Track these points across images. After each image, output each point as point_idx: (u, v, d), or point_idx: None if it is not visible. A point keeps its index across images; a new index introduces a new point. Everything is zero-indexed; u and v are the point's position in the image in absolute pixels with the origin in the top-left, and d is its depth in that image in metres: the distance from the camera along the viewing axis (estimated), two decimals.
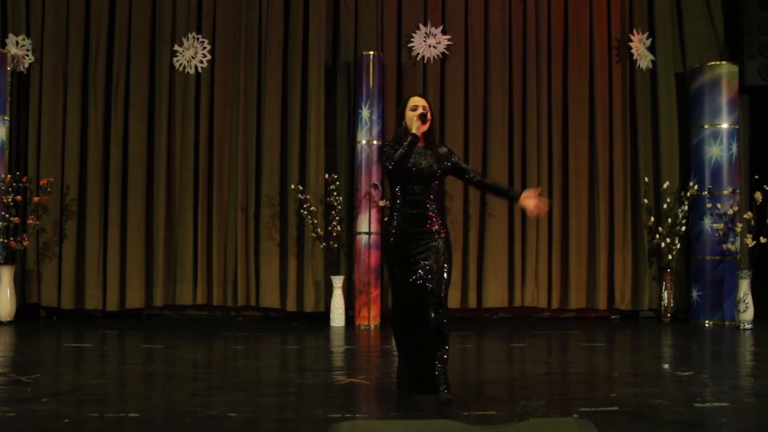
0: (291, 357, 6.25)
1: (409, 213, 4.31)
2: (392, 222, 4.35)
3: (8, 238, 8.03)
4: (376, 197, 8.17)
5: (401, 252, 4.27)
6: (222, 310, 8.69)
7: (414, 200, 4.32)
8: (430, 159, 4.33)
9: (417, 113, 4.32)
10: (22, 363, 5.73)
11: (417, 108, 4.34)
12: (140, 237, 8.49)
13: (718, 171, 8.53)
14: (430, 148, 4.39)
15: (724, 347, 6.90)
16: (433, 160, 4.34)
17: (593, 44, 8.99)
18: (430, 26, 8.74)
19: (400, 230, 4.29)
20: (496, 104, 8.79)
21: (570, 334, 7.62)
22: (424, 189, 4.32)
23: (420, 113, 4.30)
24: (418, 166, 4.29)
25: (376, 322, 8.06)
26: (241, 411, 4.01)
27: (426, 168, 4.30)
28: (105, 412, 3.98)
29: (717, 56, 9.06)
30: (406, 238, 4.27)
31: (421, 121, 4.29)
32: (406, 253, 4.25)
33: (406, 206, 4.32)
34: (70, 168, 8.47)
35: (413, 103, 4.38)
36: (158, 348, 6.56)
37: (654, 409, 4.09)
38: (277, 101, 8.62)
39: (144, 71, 8.59)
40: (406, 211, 4.32)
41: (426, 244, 4.25)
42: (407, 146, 4.23)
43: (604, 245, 8.81)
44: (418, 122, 4.30)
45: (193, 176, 8.55)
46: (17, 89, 8.54)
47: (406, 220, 4.30)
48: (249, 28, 8.66)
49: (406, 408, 4.12)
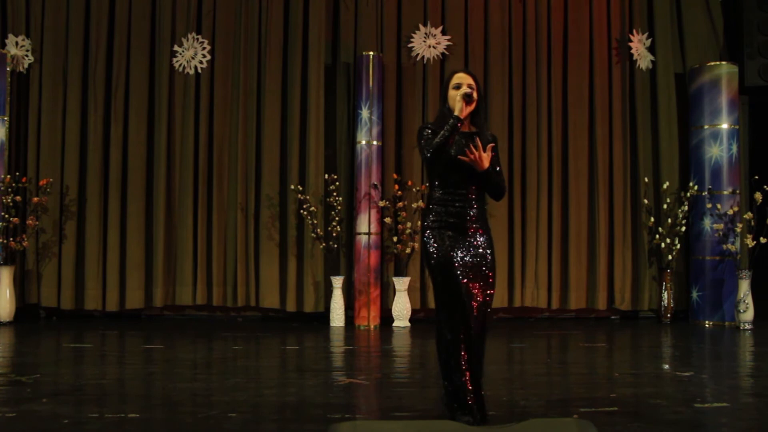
0: (291, 357, 6.25)
1: (450, 208, 3.79)
2: (429, 216, 3.83)
3: (8, 238, 8.03)
4: (376, 197, 8.17)
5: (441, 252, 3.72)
6: (222, 311, 8.69)
7: (457, 193, 3.79)
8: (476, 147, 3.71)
9: (460, 92, 3.72)
10: (22, 363, 5.72)
11: (461, 86, 3.77)
12: (140, 237, 8.49)
13: (718, 171, 8.53)
14: (478, 134, 3.81)
15: (724, 347, 6.90)
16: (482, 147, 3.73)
17: (593, 44, 8.99)
18: (429, 26, 8.74)
19: (440, 226, 3.77)
20: (496, 104, 8.79)
21: (570, 334, 7.62)
22: (469, 181, 3.79)
23: (464, 93, 3.71)
24: (462, 155, 3.72)
25: (376, 322, 8.06)
26: (241, 411, 4.00)
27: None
28: (105, 412, 3.98)
29: (717, 56, 9.06)
30: (446, 236, 3.75)
31: (465, 101, 3.70)
32: (447, 253, 3.72)
33: (447, 200, 3.79)
34: (69, 168, 8.47)
35: (456, 81, 3.81)
36: (158, 348, 6.56)
37: (654, 409, 4.09)
38: (276, 101, 8.62)
39: (144, 71, 8.59)
40: (447, 205, 3.79)
41: (468, 242, 3.76)
42: (448, 130, 3.65)
43: (604, 245, 8.81)
44: (461, 103, 3.69)
45: (193, 176, 8.55)
46: (17, 89, 8.54)
47: (448, 215, 3.78)
48: (249, 29, 8.66)
49: (406, 408, 4.12)
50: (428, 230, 3.80)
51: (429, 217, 3.83)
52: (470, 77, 3.83)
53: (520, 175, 8.80)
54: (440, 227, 3.77)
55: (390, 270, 8.44)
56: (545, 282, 8.76)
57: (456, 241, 3.75)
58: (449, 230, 3.77)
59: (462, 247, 3.75)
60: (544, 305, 8.78)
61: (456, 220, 3.78)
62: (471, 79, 3.82)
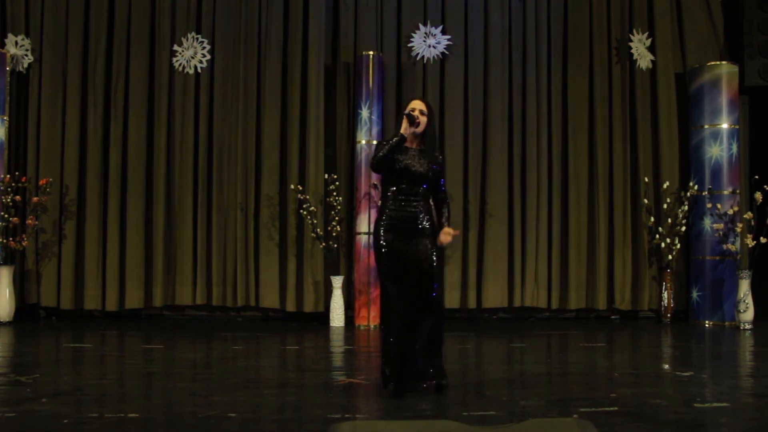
0: (291, 357, 6.25)
1: (399, 212, 4.45)
2: (381, 220, 4.48)
3: (7, 238, 8.02)
4: (376, 197, 8.17)
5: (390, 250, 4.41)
6: (221, 311, 8.68)
7: (404, 199, 4.45)
8: (422, 161, 4.46)
9: (406, 112, 4.48)
10: (22, 363, 5.72)
11: (414, 110, 4.49)
12: (140, 237, 8.48)
13: (718, 171, 8.52)
14: (423, 152, 4.50)
15: (724, 347, 6.90)
16: (426, 162, 4.47)
17: (593, 44, 8.99)
18: (429, 26, 8.73)
19: (390, 228, 4.43)
20: (496, 104, 8.78)
21: (570, 334, 7.62)
22: (413, 189, 4.46)
23: (406, 113, 4.45)
24: (409, 167, 4.43)
25: (375, 322, 8.05)
26: (241, 411, 4.00)
27: (416, 169, 4.43)
28: (105, 412, 3.98)
29: (717, 56, 9.06)
30: (395, 236, 4.42)
31: (408, 121, 4.43)
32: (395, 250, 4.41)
33: (396, 205, 4.46)
34: (69, 168, 8.47)
35: (411, 106, 4.53)
36: (158, 348, 6.55)
37: (654, 409, 4.09)
38: (276, 101, 8.62)
39: (143, 71, 8.59)
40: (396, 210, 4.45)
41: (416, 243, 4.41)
42: (391, 145, 4.40)
43: (604, 245, 8.81)
44: (405, 122, 4.45)
45: (193, 176, 8.55)
46: (16, 89, 8.54)
47: (396, 219, 4.44)
48: (248, 28, 8.65)
49: (406, 408, 4.11)
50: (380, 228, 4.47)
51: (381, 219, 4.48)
52: (423, 104, 4.53)
53: (520, 175, 8.80)
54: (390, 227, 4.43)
55: None
56: (545, 282, 8.75)
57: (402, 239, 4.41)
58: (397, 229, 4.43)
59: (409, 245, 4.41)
60: (544, 305, 8.77)
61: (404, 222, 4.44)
62: (424, 106, 4.52)
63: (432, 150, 4.54)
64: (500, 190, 8.72)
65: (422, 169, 4.44)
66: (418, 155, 4.49)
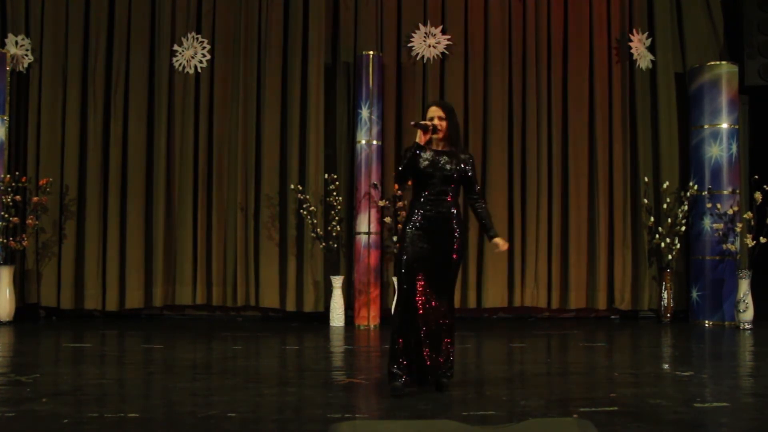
0: (291, 357, 6.25)
1: (428, 213, 4.50)
2: (410, 221, 4.54)
3: (8, 238, 8.02)
4: (376, 197, 8.17)
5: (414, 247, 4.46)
6: (221, 310, 8.68)
7: (433, 201, 4.51)
8: (449, 162, 4.53)
9: (420, 122, 4.56)
10: (22, 363, 5.72)
11: (433, 119, 4.56)
12: (140, 237, 8.48)
13: (718, 171, 8.52)
14: (450, 153, 4.56)
15: (724, 347, 6.90)
16: (452, 162, 4.53)
17: (593, 44, 8.99)
18: (429, 26, 8.73)
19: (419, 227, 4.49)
20: (496, 104, 8.78)
21: (570, 334, 7.62)
22: (441, 190, 4.52)
23: (421, 123, 4.54)
24: (435, 168, 4.50)
25: (375, 322, 8.05)
26: (241, 411, 4.00)
27: (443, 170, 4.51)
28: (105, 412, 3.98)
29: (717, 56, 9.06)
30: (422, 234, 4.48)
31: (422, 131, 4.52)
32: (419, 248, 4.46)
33: (425, 207, 4.51)
34: (69, 168, 8.47)
35: (428, 115, 4.60)
36: (158, 348, 6.55)
37: (654, 409, 4.09)
38: (276, 101, 8.62)
39: (143, 71, 8.59)
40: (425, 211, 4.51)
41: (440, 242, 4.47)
42: (408, 158, 4.50)
43: (604, 245, 8.81)
44: (419, 132, 4.53)
45: (193, 176, 8.55)
46: (16, 89, 8.54)
47: (426, 218, 4.50)
48: (248, 28, 8.65)
49: (406, 408, 4.12)
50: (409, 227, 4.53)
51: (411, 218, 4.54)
52: (440, 109, 4.58)
53: (520, 175, 8.80)
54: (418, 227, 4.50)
55: (390, 269, 8.43)
56: (545, 282, 8.75)
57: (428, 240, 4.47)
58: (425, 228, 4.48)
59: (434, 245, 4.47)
60: (544, 305, 8.78)
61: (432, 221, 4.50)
62: (441, 111, 4.57)
63: (459, 150, 4.61)
64: (500, 190, 8.72)
65: (449, 169, 4.51)
66: (444, 156, 4.55)
